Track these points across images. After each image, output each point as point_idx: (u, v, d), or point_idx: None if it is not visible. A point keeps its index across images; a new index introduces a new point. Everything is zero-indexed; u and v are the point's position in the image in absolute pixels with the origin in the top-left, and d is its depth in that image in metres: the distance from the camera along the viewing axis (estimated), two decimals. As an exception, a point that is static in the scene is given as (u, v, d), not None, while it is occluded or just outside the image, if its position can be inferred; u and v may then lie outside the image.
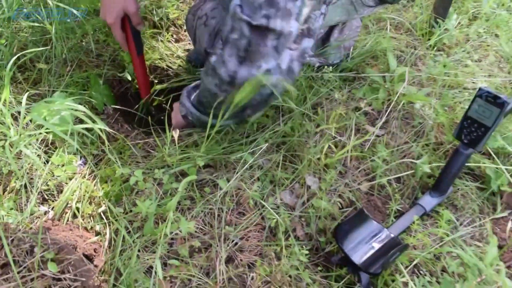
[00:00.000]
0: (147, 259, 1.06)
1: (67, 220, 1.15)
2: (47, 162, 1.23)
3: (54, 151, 1.26)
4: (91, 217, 1.15)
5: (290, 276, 1.07)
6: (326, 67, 1.48)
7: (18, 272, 0.85)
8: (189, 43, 1.74)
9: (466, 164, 1.35)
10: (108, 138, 1.29)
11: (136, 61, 1.39)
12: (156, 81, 1.58)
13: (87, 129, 1.17)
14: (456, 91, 1.58)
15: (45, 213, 1.16)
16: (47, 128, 1.15)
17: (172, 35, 1.76)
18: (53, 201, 1.18)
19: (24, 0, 1.55)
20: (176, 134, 1.15)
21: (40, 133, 1.18)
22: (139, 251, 1.07)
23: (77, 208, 1.16)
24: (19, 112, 1.22)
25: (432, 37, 1.73)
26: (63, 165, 1.23)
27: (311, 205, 1.22)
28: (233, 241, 1.13)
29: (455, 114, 1.49)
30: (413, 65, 1.68)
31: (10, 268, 0.84)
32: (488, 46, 1.82)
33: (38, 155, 1.22)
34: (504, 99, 1.17)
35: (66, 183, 1.20)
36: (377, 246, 1.10)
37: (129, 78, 1.51)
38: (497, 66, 1.75)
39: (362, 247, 1.10)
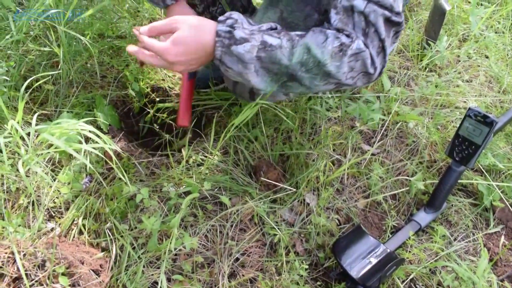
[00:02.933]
0: (152, 275, 1.09)
1: (74, 237, 1.18)
2: (54, 180, 1.26)
3: (61, 169, 1.30)
4: (97, 234, 1.19)
5: (290, 290, 1.11)
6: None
7: (31, 286, 0.88)
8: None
9: (459, 181, 1.39)
10: (115, 153, 1.34)
11: (185, 84, 1.35)
12: (157, 99, 1.63)
13: (93, 148, 1.22)
14: (448, 110, 1.64)
15: (52, 229, 1.20)
16: (55, 147, 1.20)
17: (173, 57, 1.82)
18: (59, 218, 1.22)
19: (31, 23, 1.60)
20: (184, 152, 1.20)
21: (48, 152, 1.22)
22: (144, 266, 1.10)
23: (83, 225, 1.19)
24: (27, 132, 1.26)
25: (424, 58, 1.80)
26: (69, 183, 1.27)
27: (310, 222, 1.26)
28: (235, 256, 1.16)
29: (447, 132, 1.54)
30: (406, 85, 1.74)
31: (23, 282, 0.87)
32: (478, 66, 1.89)
33: (45, 173, 1.26)
34: (492, 118, 1.22)
35: (73, 201, 1.24)
36: (374, 261, 1.14)
37: (133, 94, 1.56)
38: (487, 85, 1.82)
39: (360, 262, 1.13)
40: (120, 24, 1.75)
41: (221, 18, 0.96)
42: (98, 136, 1.09)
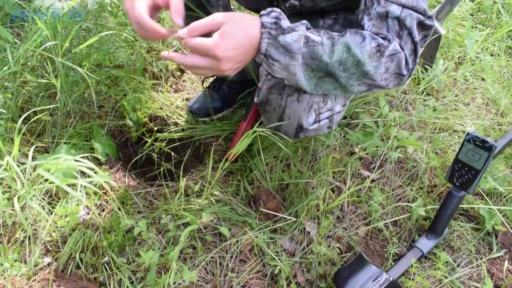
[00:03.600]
0: (151, 310, 1.07)
1: (71, 271, 1.16)
2: (51, 213, 1.25)
3: (58, 201, 1.29)
4: (95, 268, 1.17)
5: (292, 324, 1.08)
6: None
7: (25, 328, 0.86)
8: (188, 93, 1.80)
9: (460, 206, 1.38)
10: (111, 188, 1.33)
11: (243, 126, 1.45)
12: (156, 128, 1.63)
13: (89, 182, 1.20)
14: (446, 134, 1.64)
15: (49, 264, 1.18)
16: (51, 181, 1.19)
17: (171, 86, 1.82)
18: (56, 252, 1.20)
19: (28, 54, 1.61)
20: (183, 183, 1.19)
21: (44, 186, 1.21)
22: (142, 301, 1.08)
23: (81, 259, 1.17)
24: (23, 163, 1.25)
25: (422, 82, 1.80)
26: (66, 216, 1.25)
27: (310, 251, 1.24)
28: (235, 289, 1.14)
29: (447, 157, 1.53)
30: (404, 109, 1.74)
31: (18, 324, 0.85)
32: (475, 89, 1.90)
33: (42, 206, 1.25)
34: (491, 143, 1.22)
35: (70, 234, 1.22)
36: (377, 290, 1.12)
37: (131, 123, 1.56)
38: (484, 108, 1.82)
39: (362, 292, 1.11)
40: (117, 54, 1.76)
41: (263, 12, 0.95)
42: (94, 171, 1.08)
